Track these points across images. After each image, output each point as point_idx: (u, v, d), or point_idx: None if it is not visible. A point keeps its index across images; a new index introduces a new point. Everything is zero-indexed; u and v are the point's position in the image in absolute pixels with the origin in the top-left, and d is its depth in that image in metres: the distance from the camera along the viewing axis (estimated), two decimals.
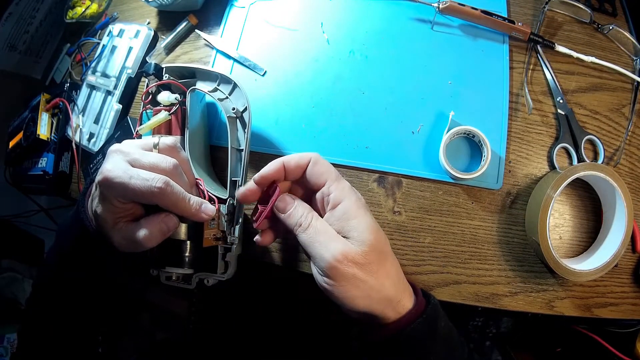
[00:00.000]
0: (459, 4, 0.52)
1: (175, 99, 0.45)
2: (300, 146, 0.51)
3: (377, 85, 0.52)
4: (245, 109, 0.45)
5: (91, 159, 0.58)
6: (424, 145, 0.50)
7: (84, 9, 0.65)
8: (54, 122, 0.62)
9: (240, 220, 0.43)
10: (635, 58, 0.53)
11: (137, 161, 0.35)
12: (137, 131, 0.43)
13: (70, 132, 0.60)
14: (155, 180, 0.33)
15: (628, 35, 0.52)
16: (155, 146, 0.38)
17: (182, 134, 0.46)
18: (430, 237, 0.48)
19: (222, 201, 0.42)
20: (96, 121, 0.60)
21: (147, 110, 0.46)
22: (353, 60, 0.54)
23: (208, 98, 0.48)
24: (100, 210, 0.35)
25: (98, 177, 0.34)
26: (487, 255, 0.47)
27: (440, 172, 0.49)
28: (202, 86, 0.48)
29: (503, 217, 0.48)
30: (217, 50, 0.57)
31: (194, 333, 0.47)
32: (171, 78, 0.48)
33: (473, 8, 0.51)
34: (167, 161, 0.36)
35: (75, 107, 0.62)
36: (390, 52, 0.53)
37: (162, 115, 0.43)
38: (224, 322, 0.51)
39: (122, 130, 0.55)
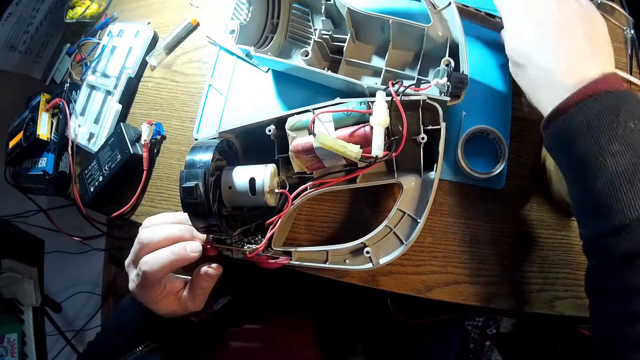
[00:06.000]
0: (463, 5, 0.51)
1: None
2: None
3: None
4: None
5: (86, 164, 0.57)
6: None
7: (84, 9, 0.66)
8: (54, 122, 0.62)
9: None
10: (625, 28, 0.51)
11: (150, 244, 0.39)
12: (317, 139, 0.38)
13: (69, 132, 0.60)
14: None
15: (617, 7, 0.50)
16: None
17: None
18: (430, 237, 0.48)
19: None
20: (96, 121, 0.60)
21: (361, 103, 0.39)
22: None
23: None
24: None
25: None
26: (487, 255, 0.47)
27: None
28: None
29: (503, 217, 0.48)
30: (221, 47, 0.56)
31: (195, 328, 0.47)
32: None
33: (476, 10, 0.51)
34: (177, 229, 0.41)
35: (75, 107, 0.62)
36: None
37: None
38: (225, 318, 0.51)
39: (116, 136, 0.55)
